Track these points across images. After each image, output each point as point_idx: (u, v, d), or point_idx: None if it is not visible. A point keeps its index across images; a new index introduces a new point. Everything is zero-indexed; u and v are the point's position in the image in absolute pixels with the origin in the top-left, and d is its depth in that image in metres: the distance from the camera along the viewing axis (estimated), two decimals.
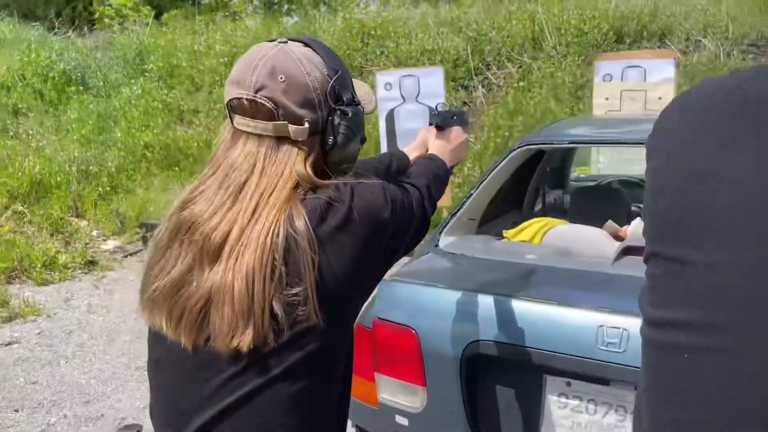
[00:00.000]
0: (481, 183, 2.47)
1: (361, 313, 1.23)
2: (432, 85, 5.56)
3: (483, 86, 7.76)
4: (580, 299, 1.66)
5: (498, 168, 2.50)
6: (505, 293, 1.72)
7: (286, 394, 1.01)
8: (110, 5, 12.93)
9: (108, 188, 7.47)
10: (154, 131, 8.39)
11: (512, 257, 2.05)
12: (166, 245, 1.06)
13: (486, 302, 1.71)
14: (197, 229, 1.02)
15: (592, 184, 3.88)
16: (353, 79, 1.16)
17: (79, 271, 5.88)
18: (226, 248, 0.99)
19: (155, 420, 1.15)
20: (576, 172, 4.33)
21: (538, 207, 3.60)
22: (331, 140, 1.07)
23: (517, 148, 2.55)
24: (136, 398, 3.57)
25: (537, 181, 3.43)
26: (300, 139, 1.04)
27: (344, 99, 1.08)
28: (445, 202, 4.26)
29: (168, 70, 9.34)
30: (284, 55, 1.05)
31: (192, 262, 1.02)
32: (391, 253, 1.11)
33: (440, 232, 2.29)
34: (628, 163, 4.63)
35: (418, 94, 5.49)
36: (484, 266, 2.00)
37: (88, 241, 6.61)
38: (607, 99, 5.60)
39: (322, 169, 1.08)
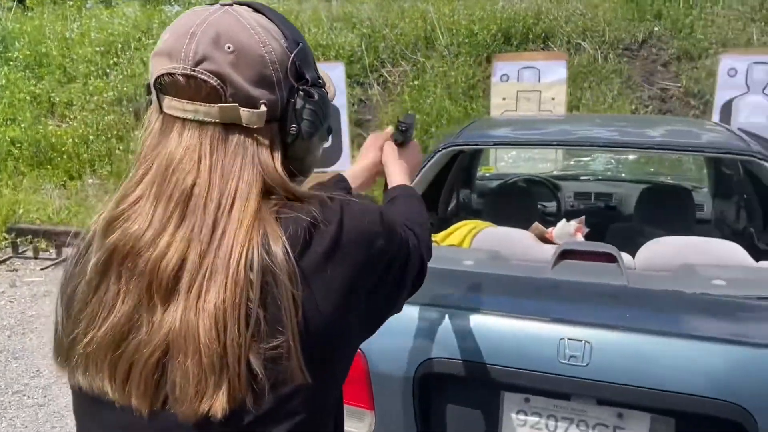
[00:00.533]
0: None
1: None
2: (333, 80, 5.42)
3: (378, 84, 7.72)
4: (537, 310, 1.59)
5: (425, 169, 2.43)
6: (456, 306, 1.63)
7: None
8: None
9: None
10: (22, 126, 7.71)
11: (449, 264, 1.96)
12: (95, 282, 0.78)
13: (437, 317, 1.60)
14: (139, 257, 0.76)
15: (498, 183, 3.91)
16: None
17: None
18: (184, 280, 0.75)
19: None
20: (482, 171, 4.34)
21: (451, 207, 3.57)
22: (294, 129, 0.84)
23: (443, 149, 2.48)
24: (15, 428, 3.17)
25: (452, 182, 3.40)
26: (255, 127, 0.81)
27: (308, 78, 0.85)
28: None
29: (36, 58, 8.60)
30: (231, 19, 0.81)
31: (138, 300, 0.76)
32: (387, 291, 0.91)
33: None
34: (532, 161, 4.74)
35: None
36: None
37: None
38: (504, 99, 5.73)
39: (287, 169, 0.85)
